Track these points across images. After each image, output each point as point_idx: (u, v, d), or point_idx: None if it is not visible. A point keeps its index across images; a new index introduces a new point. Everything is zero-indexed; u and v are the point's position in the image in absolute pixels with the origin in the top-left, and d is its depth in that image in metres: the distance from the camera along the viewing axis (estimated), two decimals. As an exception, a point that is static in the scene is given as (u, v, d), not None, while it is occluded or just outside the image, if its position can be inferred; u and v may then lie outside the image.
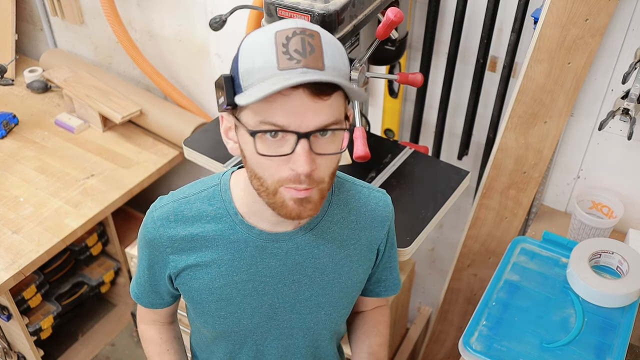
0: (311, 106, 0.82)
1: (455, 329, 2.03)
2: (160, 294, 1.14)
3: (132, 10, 2.24)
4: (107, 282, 2.35)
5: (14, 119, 2.28)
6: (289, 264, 1.02)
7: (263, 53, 0.82)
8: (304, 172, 0.83)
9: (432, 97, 1.79)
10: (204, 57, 2.18)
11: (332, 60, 0.84)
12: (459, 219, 2.01)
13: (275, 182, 0.87)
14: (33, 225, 1.91)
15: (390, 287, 1.19)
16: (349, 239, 1.05)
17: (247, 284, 1.03)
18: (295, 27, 0.82)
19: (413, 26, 1.69)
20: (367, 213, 1.07)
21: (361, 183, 1.10)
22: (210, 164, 1.61)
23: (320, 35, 0.83)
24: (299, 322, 1.08)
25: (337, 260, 1.05)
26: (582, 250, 1.42)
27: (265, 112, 0.82)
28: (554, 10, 1.36)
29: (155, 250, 1.05)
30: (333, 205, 1.04)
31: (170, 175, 2.56)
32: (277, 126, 0.82)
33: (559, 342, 1.28)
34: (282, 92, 0.80)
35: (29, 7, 2.62)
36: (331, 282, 1.05)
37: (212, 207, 1.01)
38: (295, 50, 0.81)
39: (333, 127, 0.85)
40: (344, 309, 1.11)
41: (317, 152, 0.85)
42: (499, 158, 1.62)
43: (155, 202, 1.05)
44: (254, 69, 0.82)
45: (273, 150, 0.84)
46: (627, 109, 1.38)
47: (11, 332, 2.01)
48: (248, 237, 1.00)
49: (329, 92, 0.82)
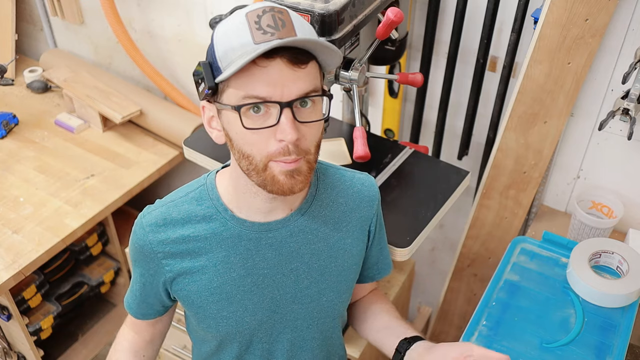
0: (290, 75, 0.85)
1: (455, 329, 2.03)
2: (150, 303, 1.12)
3: (132, 10, 2.24)
4: (107, 282, 2.35)
5: (14, 119, 2.28)
6: (285, 252, 1.03)
7: (238, 33, 0.85)
8: (291, 140, 0.86)
9: (432, 97, 1.79)
10: (203, 57, 2.17)
11: (304, 32, 0.87)
12: (459, 219, 2.01)
13: (264, 157, 0.89)
14: (33, 225, 1.91)
15: (383, 268, 1.22)
16: (341, 220, 1.07)
17: (246, 279, 1.02)
18: (264, 7, 0.87)
19: (413, 26, 1.69)
20: (354, 194, 1.09)
21: (342, 167, 1.12)
22: (210, 164, 1.61)
23: (288, 12, 0.88)
24: (303, 313, 1.07)
25: (331, 243, 1.06)
26: (582, 250, 1.42)
27: (247, 86, 0.85)
28: (554, 10, 1.36)
29: (146, 258, 1.04)
30: (320, 189, 1.06)
31: (170, 175, 2.56)
32: (259, 98, 0.85)
33: (559, 342, 1.28)
34: (261, 64, 0.84)
35: (29, 7, 2.62)
36: (328, 266, 1.06)
37: (200, 207, 1.01)
38: (267, 25, 0.85)
39: (313, 94, 0.88)
40: (345, 294, 1.11)
41: (301, 121, 0.88)
42: (499, 158, 1.62)
43: (142, 211, 1.05)
44: (231, 48, 0.86)
45: (259, 124, 0.87)
46: (627, 109, 1.38)
47: (11, 332, 2.01)
48: (241, 231, 1.01)
49: (305, 60, 0.86)
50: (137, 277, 1.10)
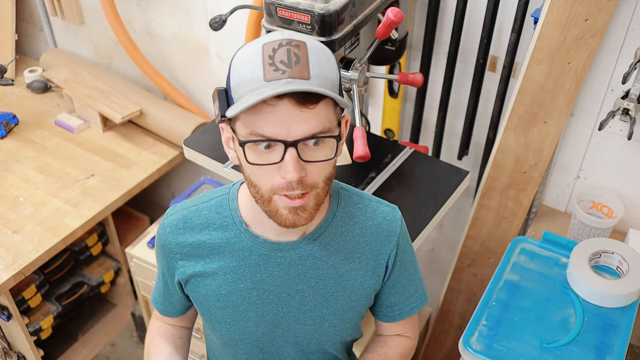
0: (297, 115, 0.83)
1: (455, 329, 2.03)
2: (173, 302, 1.16)
3: (132, 10, 2.23)
4: (107, 282, 2.35)
5: (14, 119, 2.27)
6: (293, 273, 1.03)
7: (251, 66, 0.84)
8: (292, 179, 0.85)
9: (432, 97, 1.79)
10: (204, 57, 2.18)
11: (319, 68, 0.85)
12: (459, 219, 2.01)
13: (268, 190, 0.89)
14: (33, 225, 1.91)
15: (405, 310, 1.14)
16: (354, 251, 1.04)
17: (252, 292, 1.04)
18: (281, 39, 0.85)
19: (413, 26, 1.69)
20: (373, 227, 1.05)
21: (370, 197, 1.09)
22: (210, 164, 1.61)
23: (306, 45, 0.85)
24: (305, 333, 1.08)
25: (341, 272, 1.04)
26: (582, 250, 1.42)
27: (254, 123, 0.85)
28: (554, 10, 1.36)
29: (166, 256, 1.08)
30: (338, 217, 1.04)
31: (170, 175, 2.56)
32: (264, 137, 0.84)
33: (559, 342, 1.28)
34: (269, 102, 0.83)
35: (29, 7, 2.62)
36: (335, 294, 1.05)
37: (219, 216, 1.03)
38: (280, 61, 0.83)
39: (321, 135, 0.86)
40: (349, 322, 1.09)
41: (306, 160, 0.87)
42: (499, 158, 1.62)
43: (168, 209, 1.08)
44: (244, 81, 0.85)
45: (264, 160, 0.87)
46: (627, 109, 1.38)
47: (11, 332, 2.01)
48: (252, 245, 1.02)
49: (314, 101, 0.84)
50: (160, 274, 1.14)
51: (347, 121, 0.97)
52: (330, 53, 0.89)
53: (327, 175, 0.91)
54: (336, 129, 0.90)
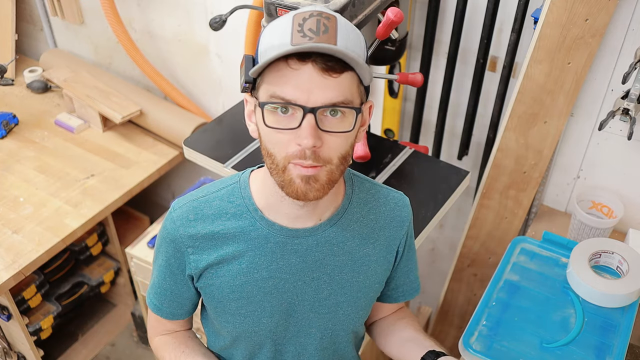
0: (320, 82, 0.84)
1: (455, 329, 2.03)
2: (182, 302, 1.11)
3: (132, 10, 2.24)
4: (107, 282, 2.36)
5: (14, 119, 2.28)
6: (309, 260, 1.02)
7: (280, 32, 0.85)
8: (307, 146, 0.85)
9: (432, 97, 1.79)
10: (204, 57, 2.18)
11: (346, 41, 0.85)
12: (459, 219, 2.01)
13: (283, 158, 0.88)
14: (33, 225, 1.91)
15: (407, 291, 1.20)
16: (368, 237, 1.05)
17: (268, 282, 1.02)
18: (313, 10, 0.86)
19: (413, 26, 1.69)
20: (386, 212, 1.07)
21: (380, 184, 1.11)
22: (210, 164, 1.60)
23: (336, 19, 0.86)
24: (317, 322, 1.07)
25: (356, 258, 1.05)
26: (582, 250, 1.42)
27: (276, 86, 0.85)
28: (554, 10, 1.36)
29: (176, 251, 1.04)
30: (353, 203, 1.04)
31: (170, 175, 2.56)
32: (284, 100, 0.85)
33: (559, 342, 1.28)
34: (292, 66, 0.83)
35: (29, 7, 2.62)
36: (350, 280, 1.05)
37: (231, 204, 1.02)
38: (309, 29, 0.84)
39: (341, 105, 0.86)
40: (362, 310, 1.10)
41: (324, 129, 0.86)
42: (499, 158, 1.62)
43: (172, 203, 1.05)
44: (272, 46, 0.86)
45: (282, 124, 0.86)
46: (627, 109, 1.38)
47: (11, 332, 2.01)
48: (269, 233, 1.00)
49: (338, 70, 0.84)
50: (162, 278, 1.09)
51: (371, 107, 0.96)
52: (360, 33, 0.89)
53: (343, 152, 0.90)
54: (358, 104, 0.89)
